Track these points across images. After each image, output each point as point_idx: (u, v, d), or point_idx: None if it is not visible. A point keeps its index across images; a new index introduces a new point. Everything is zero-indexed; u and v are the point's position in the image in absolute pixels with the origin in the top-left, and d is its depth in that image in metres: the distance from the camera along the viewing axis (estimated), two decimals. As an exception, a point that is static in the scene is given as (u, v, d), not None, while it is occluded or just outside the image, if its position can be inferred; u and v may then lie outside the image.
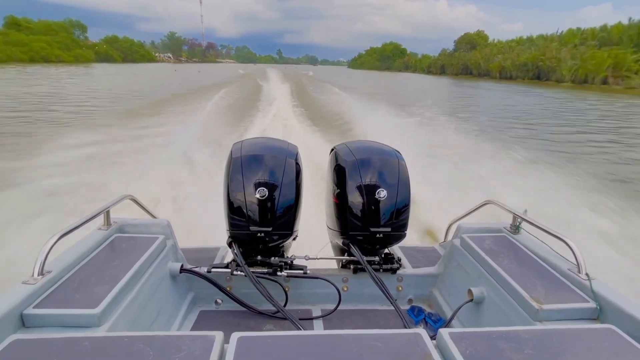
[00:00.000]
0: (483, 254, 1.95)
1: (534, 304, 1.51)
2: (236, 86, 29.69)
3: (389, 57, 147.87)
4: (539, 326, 1.45)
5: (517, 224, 2.16)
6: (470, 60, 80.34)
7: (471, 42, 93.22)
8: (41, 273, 1.45)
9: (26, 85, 28.72)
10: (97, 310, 1.34)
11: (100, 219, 1.97)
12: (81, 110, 16.76)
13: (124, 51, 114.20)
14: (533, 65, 60.78)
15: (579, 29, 61.52)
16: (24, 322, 1.30)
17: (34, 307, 1.33)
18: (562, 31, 63.64)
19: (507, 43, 79.81)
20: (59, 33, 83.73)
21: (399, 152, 2.22)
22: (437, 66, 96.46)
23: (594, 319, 1.49)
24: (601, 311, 1.48)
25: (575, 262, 1.67)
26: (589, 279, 1.58)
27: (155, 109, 15.98)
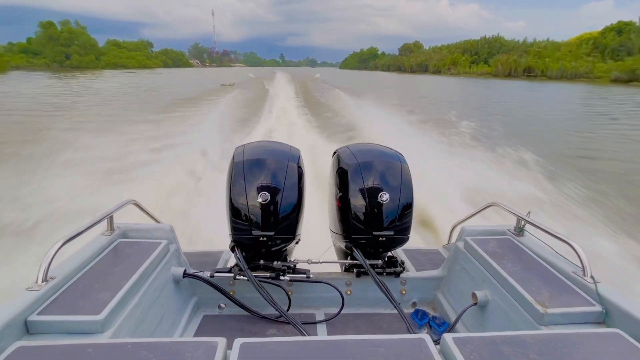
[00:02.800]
0: (487, 257, 1.93)
1: (539, 307, 1.50)
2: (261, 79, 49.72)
3: (366, 59, 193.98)
4: (544, 330, 1.43)
5: (521, 226, 2.14)
6: (402, 62, 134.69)
7: (409, 49, 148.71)
8: (45, 279, 1.46)
9: (145, 78, 58.00)
10: (101, 316, 1.35)
11: (104, 225, 1.97)
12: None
13: (173, 59, 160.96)
14: (433, 63, 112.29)
15: (466, 41, 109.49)
16: (28, 328, 1.31)
17: (37, 314, 1.34)
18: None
19: (431, 49, 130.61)
20: (143, 49, 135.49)
21: (401, 154, 2.22)
22: (387, 66, 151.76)
23: (600, 323, 1.48)
24: (607, 315, 1.47)
25: (581, 265, 1.66)
26: (594, 282, 1.56)
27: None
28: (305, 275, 2.08)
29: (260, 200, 1.92)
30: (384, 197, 2.00)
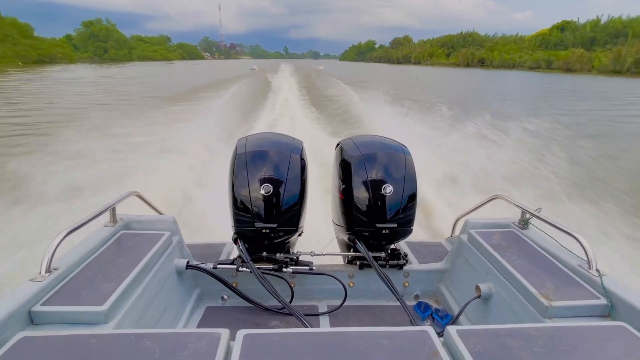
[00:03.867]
0: (491, 250, 1.92)
1: (544, 300, 1.49)
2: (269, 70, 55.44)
3: (363, 52, 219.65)
4: (548, 323, 1.43)
5: (526, 219, 2.13)
6: (392, 54, 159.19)
7: (400, 42, 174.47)
8: (48, 270, 1.46)
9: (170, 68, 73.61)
10: (104, 307, 1.35)
11: (106, 216, 1.97)
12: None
13: (188, 52, 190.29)
14: (414, 55, 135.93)
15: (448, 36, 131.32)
16: (32, 319, 1.31)
17: (41, 305, 1.34)
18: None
19: (417, 43, 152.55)
20: (163, 44, 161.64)
21: (405, 146, 2.19)
22: (379, 57, 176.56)
23: (605, 316, 1.47)
24: (612, 308, 1.45)
25: (586, 258, 1.64)
26: (599, 275, 1.55)
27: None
28: (308, 268, 2.08)
29: (263, 192, 1.92)
30: (388, 189, 1.99)
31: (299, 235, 2.15)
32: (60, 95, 22.74)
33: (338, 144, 2.32)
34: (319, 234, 2.57)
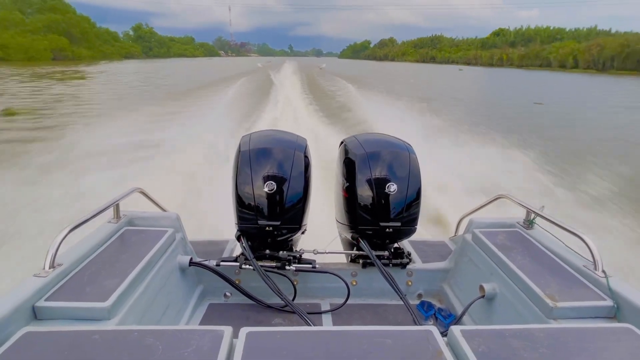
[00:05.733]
0: (495, 249, 1.91)
1: (549, 301, 1.47)
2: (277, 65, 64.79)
3: (358, 50, 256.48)
4: (553, 324, 1.41)
5: (531, 219, 2.11)
6: (377, 53, 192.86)
7: (385, 43, 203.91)
8: (52, 266, 1.46)
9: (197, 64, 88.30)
10: (107, 303, 1.35)
11: (110, 212, 1.98)
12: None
13: (208, 50, 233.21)
14: (391, 54, 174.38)
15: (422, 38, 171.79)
16: (35, 314, 1.32)
17: (45, 300, 1.34)
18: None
19: (401, 44, 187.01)
20: (190, 43, 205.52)
21: (409, 144, 2.18)
22: (367, 55, 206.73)
23: (611, 318, 1.45)
24: (619, 310, 1.44)
25: (592, 259, 1.62)
26: (606, 277, 1.53)
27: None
28: (311, 266, 2.08)
29: (266, 189, 1.91)
30: (392, 187, 1.98)
31: (302, 233, 2.15)
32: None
33: (342, 142, 2.31)
34: (322, 233, 2.56)
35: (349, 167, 2.11)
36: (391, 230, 2.02)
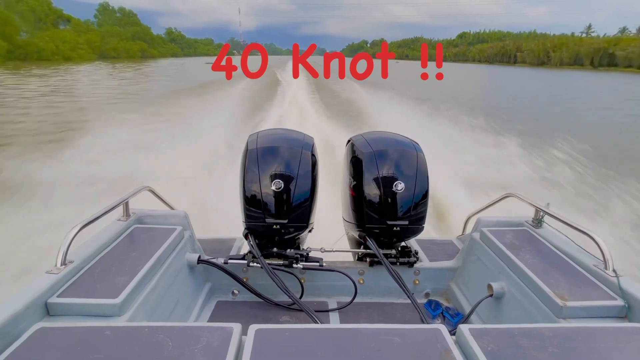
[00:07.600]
0: (504, 248, 1.89)
1: (558, 300, 1.46)
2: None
3: (355, 49, 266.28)
4: (563, 324, 1.40)
5: (540, 217, 2.09)
6: (368, 52, 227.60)
7: (376, 44, 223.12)
8: (64, 263, 1.48)
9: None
10: (118, 300, 1.37)
11: (120, 210, 2.00)
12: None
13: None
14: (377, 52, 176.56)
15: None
16: (48, 310, 1.34)
17: (57, 296, 1.37)
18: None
19: (391, 43, 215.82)
20: (210, 44, 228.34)
21: (417, 143, 2.17)
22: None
23: (622, 318, 1.43)
24: (630, 310, 1.42)
25: (602, 258, 1.60)
26: (616, 276, 1.51)
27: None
28: (318, 264, 2.08)
29: (273, 188, 1.92)
30: (399, 186, 1.97)
31: (310, 231, 2.16)
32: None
33: (349, 141, 2.30)
34: (329, 231, 2.57)
35: (356, 165, 2.11)
36: (398, 228, 2.02)
